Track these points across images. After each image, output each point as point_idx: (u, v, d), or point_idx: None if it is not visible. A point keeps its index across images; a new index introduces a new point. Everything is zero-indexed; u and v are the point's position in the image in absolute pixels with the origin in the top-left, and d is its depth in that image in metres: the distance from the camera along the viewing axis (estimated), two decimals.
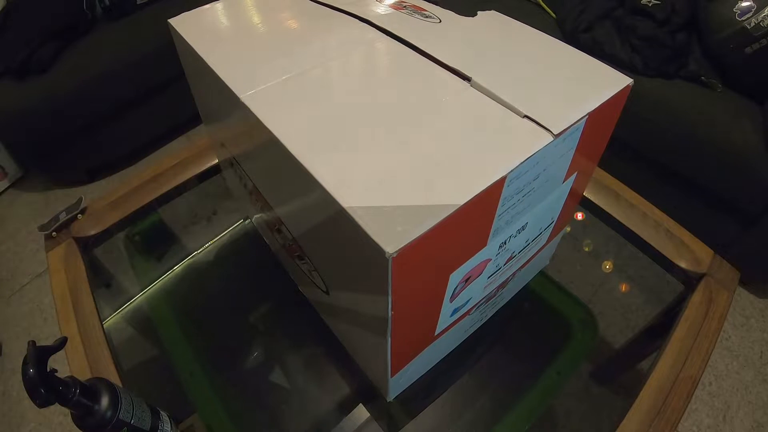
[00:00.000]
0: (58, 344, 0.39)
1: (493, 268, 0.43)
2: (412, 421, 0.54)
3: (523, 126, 0.35)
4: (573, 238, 0.71)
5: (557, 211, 0.48)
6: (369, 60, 0.43)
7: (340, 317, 0.51)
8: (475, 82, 0.38)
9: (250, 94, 0.39)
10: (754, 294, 1.22)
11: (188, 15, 0.51)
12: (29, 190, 1.56)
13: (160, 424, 0.46)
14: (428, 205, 0.29)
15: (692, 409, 1.03)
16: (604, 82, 0.39)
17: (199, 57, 0.44)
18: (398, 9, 0.50)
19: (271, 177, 0.45)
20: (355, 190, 0.30)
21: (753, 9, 1.01)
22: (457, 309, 0.44)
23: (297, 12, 0.51)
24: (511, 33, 0.46)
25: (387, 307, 0.32)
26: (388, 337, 0.36)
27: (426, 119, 0.36)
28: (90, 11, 1.44)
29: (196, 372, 0.59)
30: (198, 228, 0.75)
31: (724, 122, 1.06)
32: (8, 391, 1.11)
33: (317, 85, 0.40)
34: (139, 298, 0.67)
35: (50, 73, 1.31)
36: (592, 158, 0.46)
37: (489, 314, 0.57)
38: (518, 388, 0.57)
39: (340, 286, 0.43)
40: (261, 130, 0.36)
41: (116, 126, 1.46)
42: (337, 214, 0.31)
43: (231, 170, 0.62)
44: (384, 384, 0.48)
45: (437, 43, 0.43)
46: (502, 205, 0.35)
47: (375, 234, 0.28)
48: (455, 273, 0.37)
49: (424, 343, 0.45)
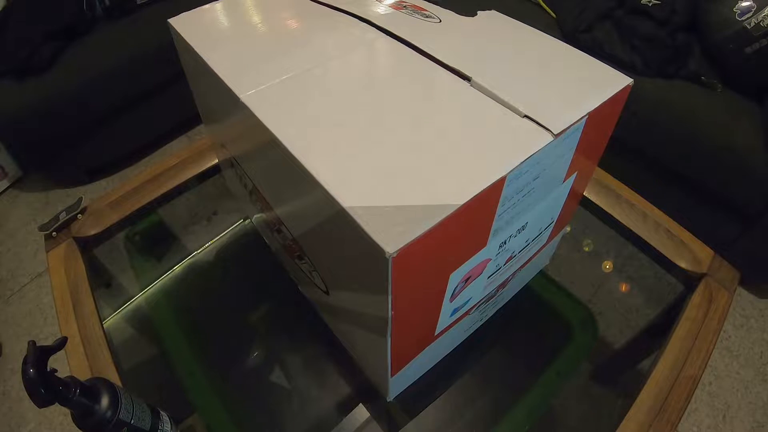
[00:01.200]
0: (58, 344, 0.39)
1: (493, 268, 0.43)
2: (412, 421, 0.54)
3: (523, 126, 0.35)
4: (573, 238, 0.71)
5: (557, 211, 0.48)
6: (369, 60, 0.43)
7: (340, 317, 0.51)
8: (475, 81, 0.38)
9: (250, 93, 0.39)
10: (754, 294, 1.22)
11: (188, 15, 0.51)
12: (29, 190, 1.56)
13: (160, 424, 0.46)
14: (428, 205, 0.29)
15: (692, 409, 1.03)
16: (604, 81, 0.39)
17: (199, 57, 0.44)
18: (398, 9, 0.50)
19: (271, 177, 0.45)
20: (355, 190, 0.30)
21: (753, 9, 1.01)
22: (457, 309, 0.44)
23: (297, 12, 0.51)
24: (511, 33, 0.46)
25: (387, 307, 0.32)
26: (388, 337, 0.36)
27: (426, 119, 0.36)
28: (90, 11, 1.44)
29: (196, 372, 0.59)
30: (198, 228, 0.75)
31: (724, 122, 1.06)
32: (8, 391, 1.11)
33: (317, 85, 0.40)
34: (139, 298, 0.67)
35: (50, 73, 1.31)
36: (592, 158, 0.46)
37: (489, 314, 0.57)
38: (518, 388, 0.57)
39: (340, 286, 0.43)
40: (261, 130, 0.36)
41: (116, 126, 1.46)
42: (337, 214, 0.30)
43: (231, 170, 0.62)
44: (384, 384, 0.48)
45: (437, 42, 0.43)
46: (502, 205, 0.35)
47: (375, 234, 0.28)
48: (455, 273, 0.37)
49: (424, 343, 0.45)
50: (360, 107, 0.37)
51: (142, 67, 1.42)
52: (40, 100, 1.28)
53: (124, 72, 1.39)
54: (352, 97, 0.38)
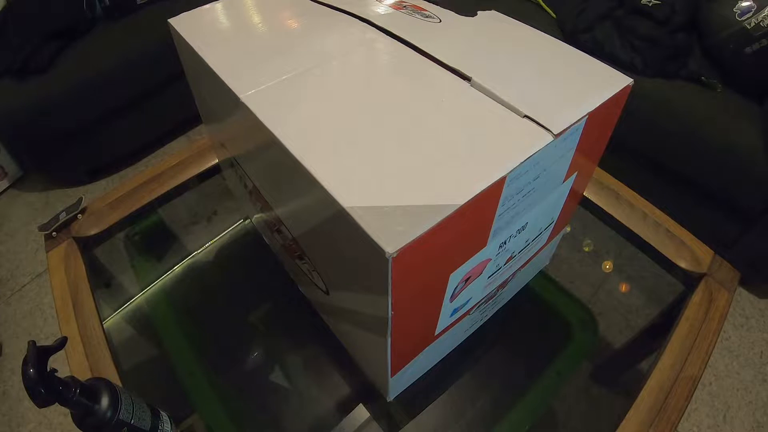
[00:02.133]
0: (58, 344, 0.39)
1: (493, 268, 0.43)
2: (412, 421, 0.54)
3: (523, 126, 0.35)
4: (573, 238, 0.71)
5: (557, 211, 0.48)
6: (369, 60, 0.43)
7: (340, 317, 0.51)
8: (475, 81, 0.38)
9: (249, 93, 0.38)
10: (754, 294, 1.22)
11: (188, 15, 0.51)
12: (29, 190, 1.56)
13: (160, 424, 0.46)
14: (428, 205, 0.29)
15: (692, 409, 1.03)
16: (604, 82, 0.39)
17: (198, 57, 0.44)
18: (398, 9, 0.50)
19: (271, 177, 0.45)
20: (355, 190, 0.30)
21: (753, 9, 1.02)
22: (457, 309, 0.44)
23: (297, 12, 0.51)
24: (511, 33, 0.46)
25: (387, 307, 0.32)
26: (388, 337, 0.36)
27: (426, 119, 0.36)
28: (90, 11, 1.44)
29: (196, 372, 0.59)
30: (198, 228, 0.75)
31: (724, 122, 1.06)
32: (8, 391, 1.11)
33: (317, 85, 0.40)
34: (139, 298, 0.67)
35: (50, 73, 1.31)
36: (592, 158, 0.46)
37: (489, 314, 0.57)
38: (518, 388, 0.57)
39: (340, 286, 0.43)
40: (261, 130, 0.36)
41: (116, 126, 1.46)
42: (337, 214, 0.30)
43: (231, 170, 0.62)
44: (384, 384, 0.48)
45: (437, 42, 0.43)
46: (502, 205, 0.35)
47: (375, 234, 0.28)
48: (455, 273, 0.37)
49: (424, 343, 0.45)
50: (360, 107, 0.37)
51: (142, 67, 1.42)
52: (40, 100, 1.28)
53: (124, 72, 1.39)
54: (352, 97, 0.38)
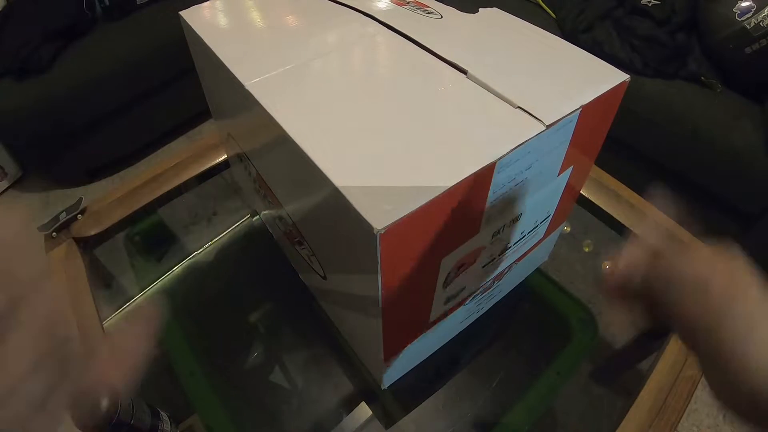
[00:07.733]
0: None
1: (487, 257, 0.43)
2: (411, 421, 0.54)
3: (515, 116, 0.36)
4: (573, 238, 0.71)
5: (553, 205, 0.48)
6: (369, 52, 0.44)
7: (336, 302, 0.51)
8: (471, 74, 0.39)
9: (254, 82, 0.40)
10: None
11: (198, 8, 0.53)
12: (29, 190, 1.56)
13: (160, 424, 0.46)
14: (418, 186, 0.31)
15: (692, 409, 1.03)
16: (600, 77, 0.39)
17: (207, 47, 0.45)
18: (400, 4, 0.51)
19: (272, 163, 0.47)
20: (348, 171, 0.32)
21: (753, 9, 1.02)
22: (451, 297, 0.44)
23: (302, 6, 0.52)
24: (511, 29, 0.47)
25: (377, 286, 0.33)
26: (379, 318, 0.37)
27: (421, 107, 0.37)
28: (90, 11, 1.44)
29: (196, 372, 0.59)
30: (198, 228, 0.75)
31: (724, 122, 1.06)
32: None
33: (318, 74, 0.41)
34: (139, 298, 0.67)
35: (50, 73, 1.31)
36: (588, 153, 0.46)
37: (486, 307, 0.57)
38: (518, 388, 0.57)
39: (336, 269, 0.44)
40: (263, 116, 0.37)
41: (116, 126, 1.47)
42: (331, 194, 0.32)
43: (239, 164, 0.63)
44: (379, 371, 0.48)
45: (437, 37, 0.44)
46: (494, 192, 0.35)
47: (364, 211, 0.29)
48: (447, 258, 0.37)
49: (419, 329, 0.46)
50: (358, 95, 0.39)
51: (141, 67, 1.42)
52: (40, 100, 1.28)
53: (124, 72, 1.39)
54: (351, 86, 0.40)
